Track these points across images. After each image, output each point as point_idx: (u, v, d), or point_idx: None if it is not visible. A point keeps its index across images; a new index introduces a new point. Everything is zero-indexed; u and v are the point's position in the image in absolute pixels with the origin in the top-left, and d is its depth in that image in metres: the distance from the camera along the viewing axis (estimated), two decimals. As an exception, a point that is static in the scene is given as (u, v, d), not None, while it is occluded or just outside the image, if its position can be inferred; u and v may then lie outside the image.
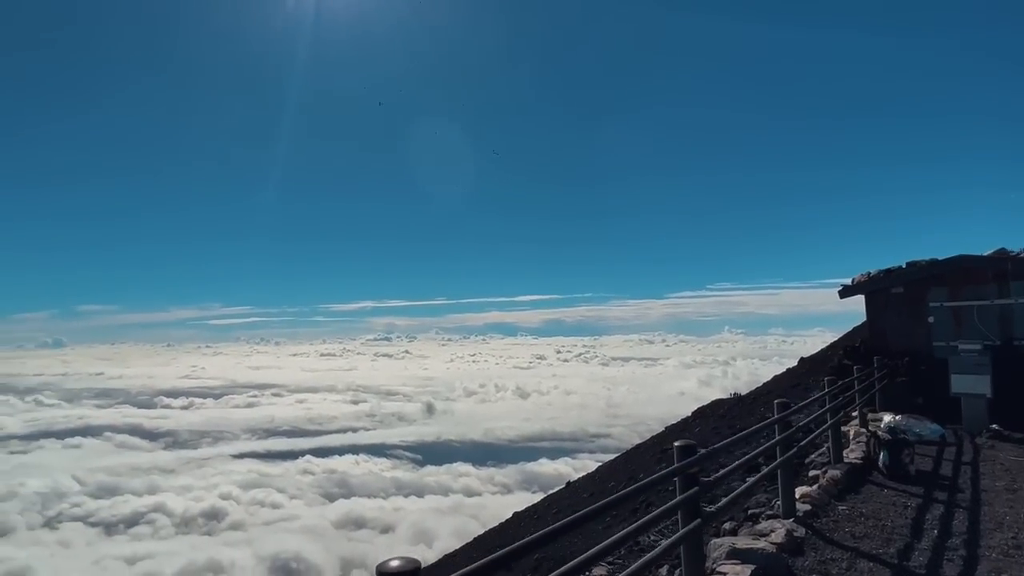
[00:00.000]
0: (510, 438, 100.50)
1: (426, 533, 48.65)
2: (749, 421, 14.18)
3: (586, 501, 13.82)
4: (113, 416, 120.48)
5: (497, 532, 15.54)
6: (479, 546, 14.81)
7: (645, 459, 15.36)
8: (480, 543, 15.27)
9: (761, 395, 17.54)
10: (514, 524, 15.25)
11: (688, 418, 18.87)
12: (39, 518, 57.07)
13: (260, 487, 65.30)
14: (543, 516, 14.28)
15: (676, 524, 4.63)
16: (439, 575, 14.10)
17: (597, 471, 17.66)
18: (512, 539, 13.15)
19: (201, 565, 41.23)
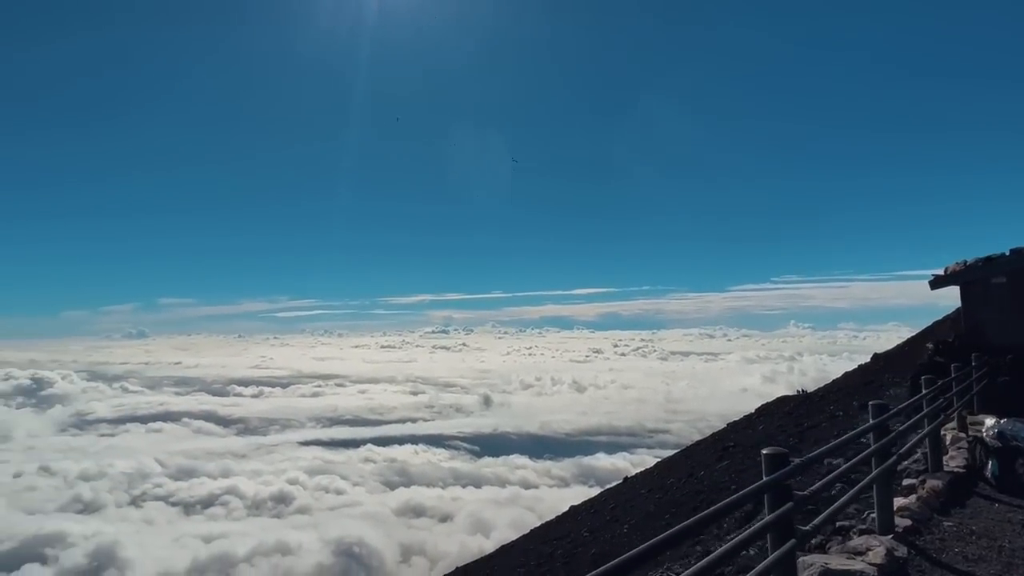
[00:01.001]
0: (567, 432, 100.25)
1: (484, 523, 49.18)
2: (818, 419, 13.59)
3: (644, 497, 13.60)
4: (190, 403, 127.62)
5: (555, 524, 15.52)
6: (537, 538, 14.85)
7: (706, 456, 14.98)
8: (538, 535, 15.30)
9: (830, 392, 16.77)
10: (571, 517, 15.19)
11: (751, 415, 18.27)
12: (126, 497, 61.20)
13: (324, 473, 67.66)
14: (600, 511, 14.16)
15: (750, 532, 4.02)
16: (498, 564, 14.17)
17: (656, 467, 17.34)
18: (570, 532, 13.09)
19: (271, 546, 43.10)
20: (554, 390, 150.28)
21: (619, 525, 11.87)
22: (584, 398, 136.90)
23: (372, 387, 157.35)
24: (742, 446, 13.80)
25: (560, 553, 11.80)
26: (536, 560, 12.10)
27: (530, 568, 11.80)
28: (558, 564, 11.21)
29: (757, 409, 18.67)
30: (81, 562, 39.43)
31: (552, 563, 11.41)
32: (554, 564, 11.32)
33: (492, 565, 14.62)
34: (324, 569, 41.12)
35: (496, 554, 15.99)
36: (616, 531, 11.56)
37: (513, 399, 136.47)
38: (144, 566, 40.04)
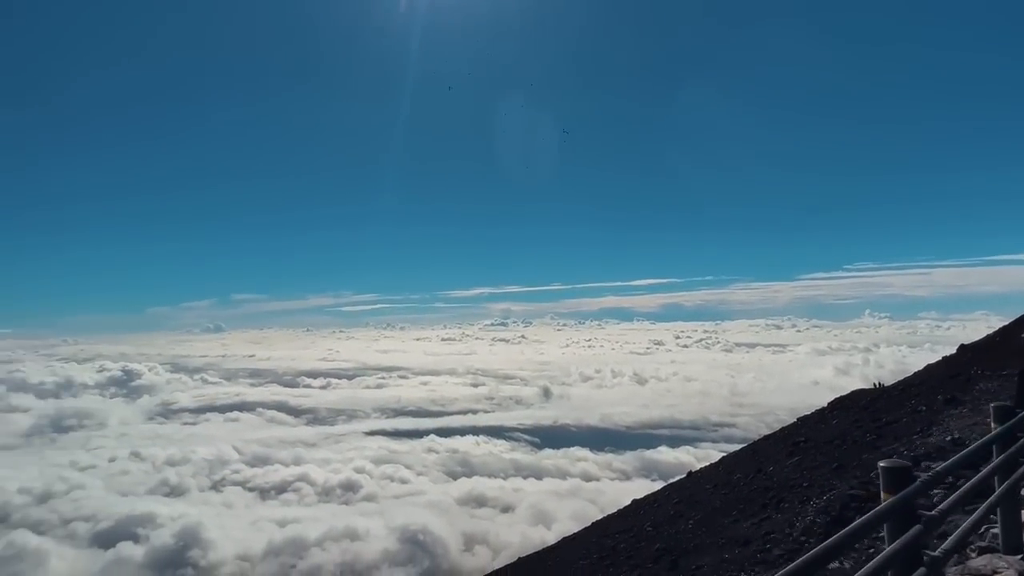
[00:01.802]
0: (628, 424, 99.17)
1: (545, 515, 49.36)
2: (898, 415, 12.84)
3: (709, 492, 13.25)
4: (263, 394, 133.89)
5: (617, 518, 15.37)
6: (599, 530, 14.75)
7: (775, 452, 14.44)
8: (600, 528, 15.19)
9: (911, 386, 15.80)
10: (634, 511, 14.99)
11: (824, 409, 17.45)
12: (207, 481, 64.94)
13: (389, 463, 69.50)
14: (663, 505, 13.90)
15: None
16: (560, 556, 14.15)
17: (721, 462, 16.86)
18: (632, 526, 12.93)
19: (340, 532, 44.73)
20: (614, 382, 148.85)
21: (683, 520, 11.62)
22: (645, 391, 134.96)
23: (434, 379, 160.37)
24: (814, 442, 13.22)
25: (623, 547, 11.67)
26: (599, 553, 12.01)
27: (593, 561, 11.73)
28: (621, 558, 11.09)
29: (830, 403, 17.82)
30: (169, 542, 42.13)
31: (615, 556, 11.30)
32: (617, 558, 11.21)
33: (555, 556, 14.63)
34: (390, 555, 42.30)
35: (558, 545, 15.99)
36: (680, 526, 11.33)
37: (573, 391, 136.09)
38: (224, 547, 42.40)
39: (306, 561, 41.44)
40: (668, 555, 9.91)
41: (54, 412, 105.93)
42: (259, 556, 42.19)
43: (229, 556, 41.70)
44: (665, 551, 10.15)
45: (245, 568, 41.02)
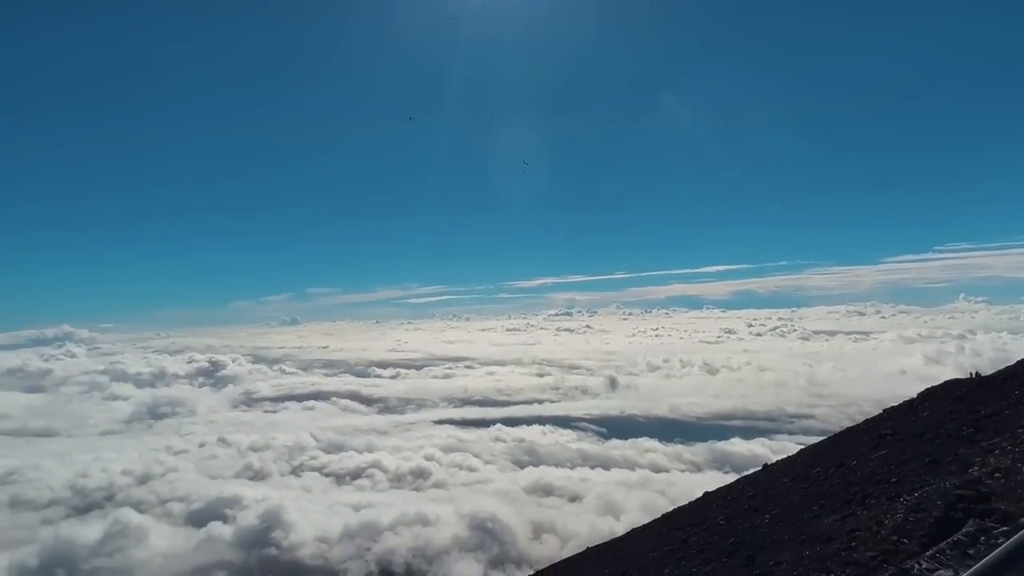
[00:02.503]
0: (698, 415, 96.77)
1: (613, 505, 48.95)
2: (999, 406, 11.78)
3: (786, 486, 12.64)
4: (337, 384, 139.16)
5: (689, 510, 14.95)
6: (670, 522, 14.40)
7: (859, 445, 13.60)
8: (670, 520, 14.83)
9: (1015, 375, 14.48)
10: (705, 504, 14.53)
11: (913, 400, 16.27)
12: (287, 466, 68.30)
13: (458, 451, 70.79)
14: (737, 498, 13.38)
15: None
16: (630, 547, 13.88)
17: (799, 455, 16.06)
18: (704, 519, 12.53)
19: (411, 517, 45.99)
20: (683, 372, 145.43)
21: (759, 515, 11.12)
22: (716, 380, 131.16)
23: (499, 369, 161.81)
24: (902, 435, 12.32)
25: (695, 540, 11.31)
26: (669, 545, 11.70)
27: (663, 553, 11.44)
28: (693, 551, 10.74)
29: (920, 394, 16.59)
30: (254, 523, 44.64)
31: (687, 549, 10.96)
32: (689, 551, 10.86)
33: (624, 547, 14.39)
34: (460, 541, 43.11)
35: (627, 536, 15.73)
36: (756, 520, 10.84)
37: (640, 381, 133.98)
38: (304, 529, 44.49)
39: (380, 545, 42.87)
40: (743, 550, 9.50)
41: (150, 400, 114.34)
42: (336, 539, 43.97)
43: (309, 538, 43.67)
44: (740, 545, 9.74)
45: (323, 550, 42.82)
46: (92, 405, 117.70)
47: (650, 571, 10.62)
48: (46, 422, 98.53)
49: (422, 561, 41.23)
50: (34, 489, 57.72)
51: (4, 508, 54.48)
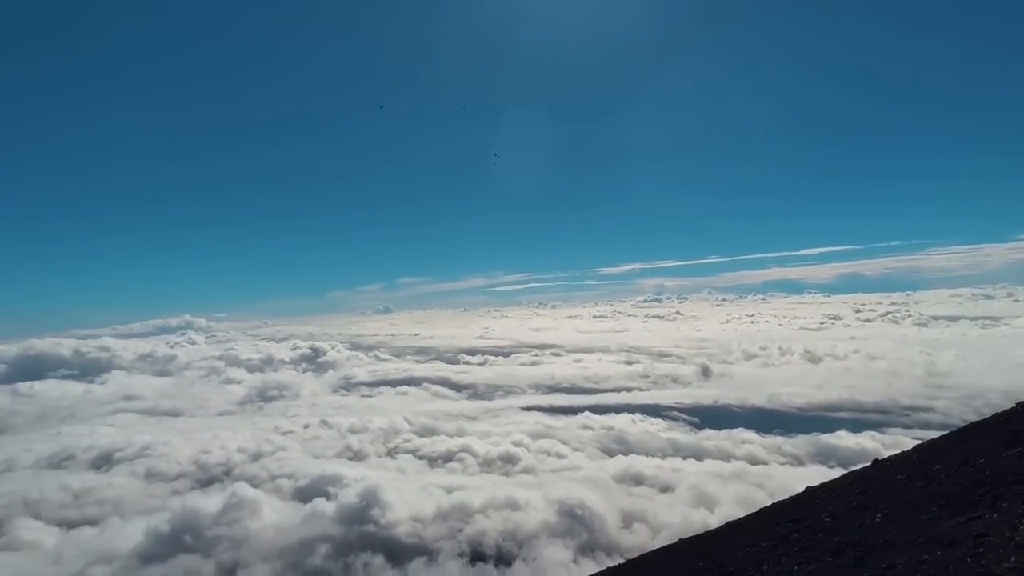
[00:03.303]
0: (799, 406, 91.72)
1: (707, 497, 47.48)
2: None
3: (901, 484, 11.60)
4: (428, 370, 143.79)
5: (789, 505, 14.10)
6: (769, 518, 13.65)
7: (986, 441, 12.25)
8: (770, 514, 14.06)
9: None
10: (808, 499, 13.64)
11: (1054, 392, 14.46)
12: (383, 448, 71.51)
13: (546, 438, 71.13)
14: (844, 495, 12.45)
15: None
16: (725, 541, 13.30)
17: (916, 450, 14.71)
18: (807, 515, 11.75)
19: (501, 501, 46.78)
20: (782, 360, 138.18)
21: (869, 513, 10.27)
22: (820, 369, 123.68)
23: (587, 356, 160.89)
24: (1042, 430, 10.95)
25: (796, 537, 10.62)
26: (768, 541, 11.06)
27: (761, 549, 10.83)
28: (795, 548, 10.08)
29: (1064, 384, 14.72)
30: (354, 501, 47.08)
31: (788, 546, 10.30)
32: (790, 548, 10.20)
33: (719, 540, 13.80)
34: (549, 526, 43.37)
35: (723, 530, 15.08)
36: (865, 520, 10.02)
37: (735, 370, 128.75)
38: (400, 508, 46.39)
39: (471, 527, 43.97)
40: (851, 550, 8.80)
41: (260, 384, 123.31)
42: (430, 518, 45.54)
43: (404, 517, 45.52)
44: (847, 545, 9.04)
45: (418, 528, 44.50)
46: (210, 388, 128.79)
47: (747, 567, 10.08)
48: (173, 403, 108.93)
49: (512, 544, 41.88)
50: (164, 462, 64.02)
51: (141, 478, 60.86)
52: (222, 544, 42.33)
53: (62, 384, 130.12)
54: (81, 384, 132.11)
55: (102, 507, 53.52)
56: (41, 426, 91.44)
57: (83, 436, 76.59)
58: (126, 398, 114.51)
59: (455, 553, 41.25)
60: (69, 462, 67.03)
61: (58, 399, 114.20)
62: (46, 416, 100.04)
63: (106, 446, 69.98)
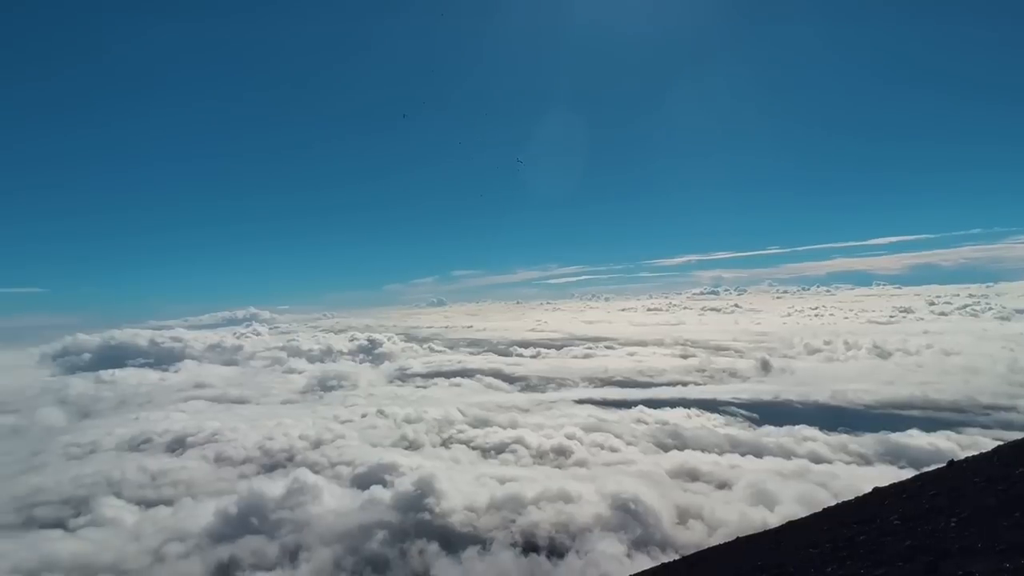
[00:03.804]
0: (866, 403, 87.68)
1: (766, 495, 46.11)
2: None
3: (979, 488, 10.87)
4: (481, 362, 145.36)
5: (856, 506, 13.47)
6: (833, 518, 13.09)
7: (1080, 442, 11.32)
8: (834, 515, 13.48)
9: None
10: (876, 501, 13.00)
11: None
12: (437, 438, 72.71)
13: (599, 431, 70.67)
14: (916, 497, 11.79)
15: None
16: (786, 541, 12.83)
17: (996, 452, 13.78)
18: (875, 517, 11.17)
19: (554, 493, 46.79)
20: (848, 355, 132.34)
21: (943, 517, 9.68)
22: (889, 365, 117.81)
23: (641, 349, 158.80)
24: None
25: (863, 539, 10.13)
26: (832, 543, 10.60)
27: (825, 551, 10.39)
28: (861, 551, 9.62)
29: None
30: (409, 489, 48.09)
31: (854, 549, 9.84)
32: (856, 550, 9.74)
33: (779, 540, 13.34)
34: (603, 520, 43.09)
35: (784, 529, 14.58)
36: (938, 524, 9.45)
37: (796, 364, 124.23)
38: (454, 498, 47.10)
39: (524, 518, 44.19)
40: (923, 555, 8.32)
41: (320, 374, 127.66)
42: (483, 508, 46.04)
43: (458, 506, 46.20)
44: (919, 550, 8.55)
45: (472, 518, 45.08)
46: (274, 377, 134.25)
47: (810, 568, 9.69)
48: (239, 391, 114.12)
49: (565, 537, 41.85)
50: (232, 448, 67.19)
51: (211, 462, 64.12)
52: (285, 527, 44.09)
53: (140, 372, 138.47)
54: (157, 372, 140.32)
55: (176, 488, 56.77)
56: (122, 411, 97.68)
57: (159, 421, 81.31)
58: (197, 386, 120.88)
59: (508, 543, 41.56)
60: (147, 445, 71.36)
61: (136, 386, 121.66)
62: (126, 402, 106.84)
63: (179, 431, 74.12)
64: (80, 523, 47.84)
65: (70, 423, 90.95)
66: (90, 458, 67.14)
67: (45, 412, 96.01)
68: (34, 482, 58.13)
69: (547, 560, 39.46)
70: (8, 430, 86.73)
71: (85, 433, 77.79)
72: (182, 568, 39.68)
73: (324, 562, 39.89)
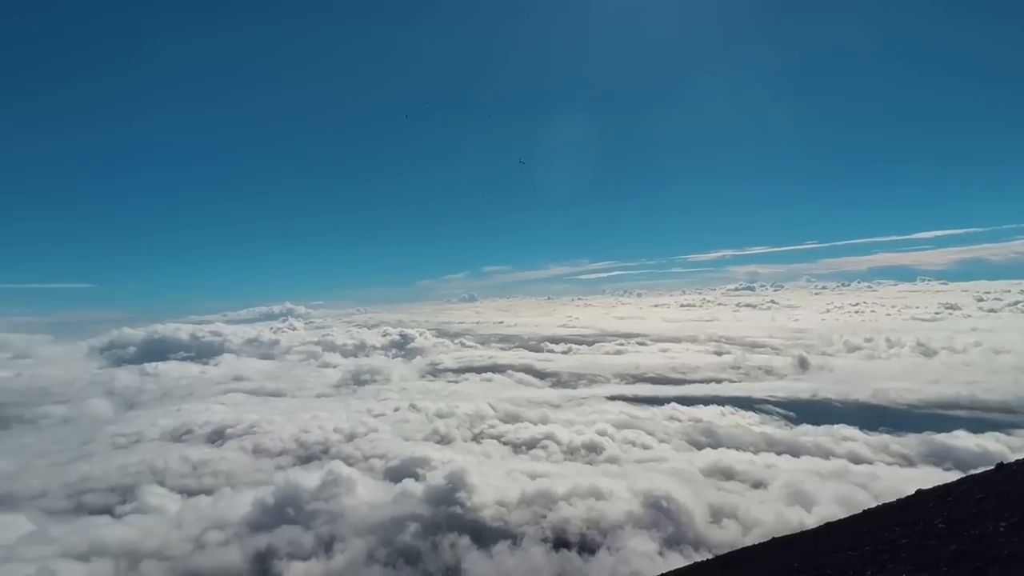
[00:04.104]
0: (909, 402, 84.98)
1: (803, 495, 45.12)
2: None
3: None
4: (512, 357, 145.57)
5: (898, 508, 13.04)
6: (873, 520, 12.69)
7: None
8: (875, 517, 13.07)
9: None
10: (919, 503, 12.56)
11: None
12: (468, 433, 73.16)
13: (631, 428, 70.13)
14: (962, 500, 11.36)
15: None
16: (824, 542, 12.51)
17: (1050, 453, 13.15)
18: (919, 520, 10.78)
19: (585, 489, 46.59)
20: (891, 353, 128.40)
21: (990, 521, 9.30)
22: (934, 363, 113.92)
23: (674, 346, 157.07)
24: None
25: (905, 543, 9.80)
26: (872, 545, 10.29)
27: (864, 553, 10.08)
28: (903, 555, 9.31)
29: None
30: (440, 483, 48.44)
31: (895, 552, 9.52)
32: (897, 554, 9.43)
33: (817, 541, 13.02)
34: (634, 517, 42.74)
35: (821, 530, 14.21)
36: (987, 528, 9.08)
37: (835, 362, 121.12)
38: (485, 492, 47.27)
39: (555, 513, 44.12)
40: (969, 560, 8.01)
41: (354, 368, 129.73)
42: (514, 503, 46.11)
43: (489, 500, 46.38)
44: (965, 555, 8.23)
45: (503, 513, 45.20)
46: (309, 371, 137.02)
47: (848, 571, 9.42)
48: (276, 384, 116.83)
49: (596, 533, 41.65)
50: (269, 439, 68.80)
51: (249, 453, 65.78)
52: (320, 518, 44.94)
53: (181, 365, 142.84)
54: (197, 365, 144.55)
55: (216, 478, 58.45)
56: (165, 402, 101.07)
57: (200, 413, 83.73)
58: (236, 379, 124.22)
59: (539, 538, 41.57)
60: (188, 436, 73.63)
61: (178, 378, 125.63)
62: (168, 394, 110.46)
63: (219, 423, 76.24)
64: (126, 510, 49.65)
65: (116, 414, 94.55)
66: (135, 447, 69.62)
67: (93, 403, 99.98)
68: (84, 470, 60.53)
69: (578, 556, 39.35)
70: (60, 420, 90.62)
71: (130, 423, 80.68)
72: (222, 556, 40.81)
73: (358, 553, 40.52)
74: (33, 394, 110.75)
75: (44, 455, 67.69)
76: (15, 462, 64.21)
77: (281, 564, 39.72)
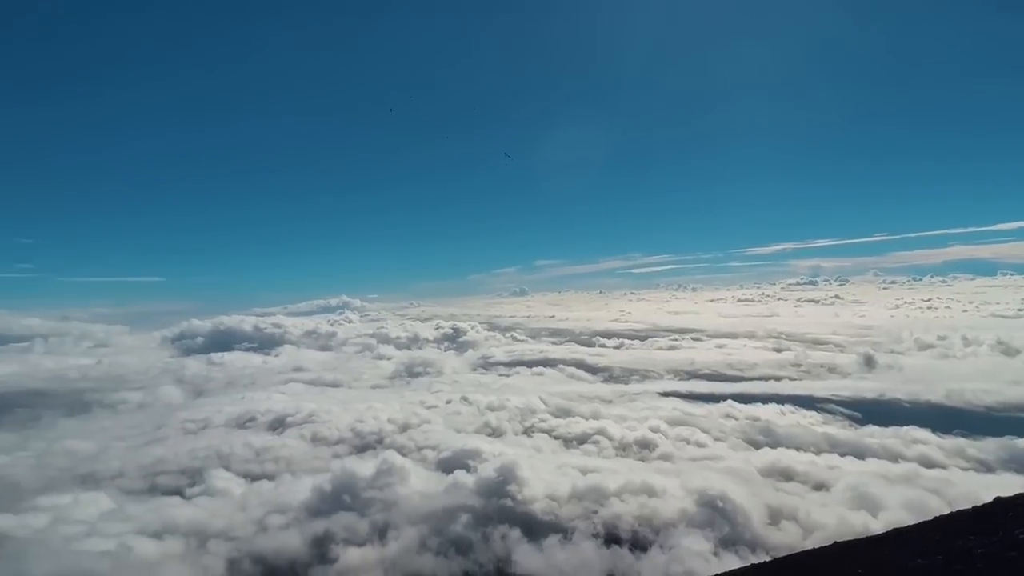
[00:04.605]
0: (988, 404, 79.86)
1: (868, 499, 43.11)
2: None
3: None
4: (563, 352, 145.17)
5: (973, 517, 12.22)
6: (946, 528, 11.93)
7: None
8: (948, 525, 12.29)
9: None
10: (998, 511, 11.72)
11: None
12: (519, 427, 73.40)
13: (684, 425, 68.80)
14: (1049, 509, 10.49)
15: None
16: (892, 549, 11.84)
17: None
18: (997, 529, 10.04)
19: (637, 486, 45.95)
20: (967, 351, 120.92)
21: (1084, 533, 8.54)
22: (1017, 363, 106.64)
23: (730, 342, 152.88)
24: None
25: (981, 552, 9.16)
26: (944, 554, 9.66)
27: (935, 562, 9.47)
28: (978, 564, 8.70)
29: None
30: (492, 475, 48.76)
31: (970, 562, 8.91)
32: (972, 564, 8.82)
33: (883, 548, 12.35)
34: (688, 516, 41.89)
35: (888, 536, 13.48)
36: (1079, 540, 8.34)
37: (905, 361, 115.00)
38: (536, 486, 47.31)
39: (606, 509, 43.72)
40: None
41: (407, 361, 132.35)
42: (565, 498, 45.96)
43: (540, 494, 46.39)
44: None
45: (553, 507, 45.12)
46: (364, 363, 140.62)
47: (917, 581, 8.87)
48: (333, 375, 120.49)
49: (648, 530, 41.03)
50: (327, 429, 71.06)
51: (308, 441, 68.14)
52: (375, 505, 46.05)
53: (245, 355, 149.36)
54: (260, 356, 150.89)
55: (277, 464, 60.82)
56: (230, 391, 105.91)
57: (262, 401, 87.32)
58: (295, 369, 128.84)
59: (590, 534, 41.30)
60: (251, 423, 76.93)
61: (242, 368, 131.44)
62: (233, 382, 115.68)
63: (280, 411, 79.30)
64: (195, 492, 52.30)
65: (186, 400, 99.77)
66: (203, 433, 73.28)
67: (166, 390, 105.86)
68: (157, 453, 64.19)
69: (630, 553, 38.86)
70: (136, 405, 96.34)
71: (199, 410, 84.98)
72: (283, 539, 42.42)
73: (411, 541, 41.32)
74: (111, 381, 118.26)
75: (122, 438, 72.18)
76: (96, 444, 68.70)
77: (338, 549, 40.91)
